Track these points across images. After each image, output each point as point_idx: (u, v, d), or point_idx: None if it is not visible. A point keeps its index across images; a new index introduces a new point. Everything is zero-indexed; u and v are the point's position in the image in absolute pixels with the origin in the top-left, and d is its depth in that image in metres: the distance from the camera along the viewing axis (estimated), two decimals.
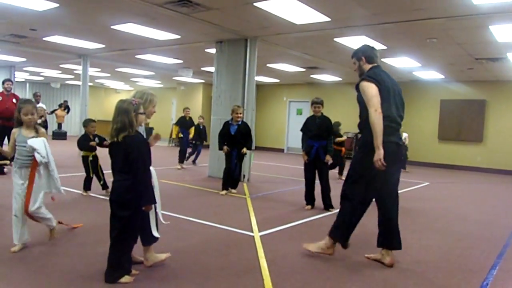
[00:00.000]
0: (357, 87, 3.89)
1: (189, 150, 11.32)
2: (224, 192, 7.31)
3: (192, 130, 11.18)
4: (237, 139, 7.25)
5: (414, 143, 10.18)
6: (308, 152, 6.24)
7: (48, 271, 3.38)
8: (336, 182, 8.52)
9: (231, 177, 7.42)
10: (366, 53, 4.02)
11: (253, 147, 7.50)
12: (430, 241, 4.86)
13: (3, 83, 9.26)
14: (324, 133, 6.21)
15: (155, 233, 3.46)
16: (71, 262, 3.58)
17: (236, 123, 7.26)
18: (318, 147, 6.18)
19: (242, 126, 7.30)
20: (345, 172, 8.54)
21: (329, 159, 6.27)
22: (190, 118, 11.09)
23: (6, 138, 9.01)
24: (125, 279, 3.18)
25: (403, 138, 10.17)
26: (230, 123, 7.30)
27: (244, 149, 7.27)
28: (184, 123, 10.97)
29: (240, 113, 7.28)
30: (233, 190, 7.44)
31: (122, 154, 3.10)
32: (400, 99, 4.02)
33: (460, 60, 10.39)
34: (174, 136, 10.86)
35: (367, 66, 4.00)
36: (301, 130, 6.48)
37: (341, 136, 9.79)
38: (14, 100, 9.11)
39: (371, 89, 3.73)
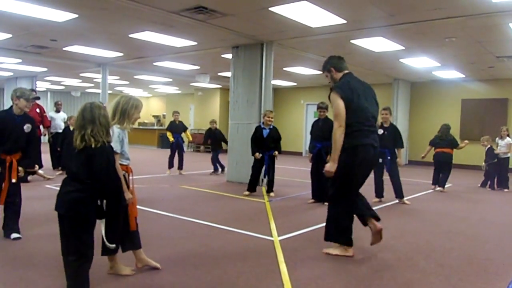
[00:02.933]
0: (329, 98, 4.11)
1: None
2: (247, 193, 7.63)
3: (188, 133, 11.04)
4: (268, 142, 7.49)
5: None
6: (311, 152, 6.94)
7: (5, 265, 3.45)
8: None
9: (256, 180, 7.74)
10: (333, 64, 4.26)
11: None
12: (453, 244, 4.76)
13: None
14: (326, 134, 6.48)
15: (108, 244, 3.16)
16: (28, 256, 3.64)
17: (267, 127, 7.49)
18: (320, 147, 6.77)
19: (274, 130, 7.55)
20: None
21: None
22: (180, 122, 10.85)
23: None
24: None
25: (502, 144, 9.36)
26: (262, 127, 7.52)
27: (276, 152, 7.55)
28: (174, 127, 10.73)
29: (272, 117, 7.49)
30: (271, 194, 7.65)
31: (84, 160, 2.77)
32: (372, 101, 4.23)
33: (480, 58, 10.20)
34: (171, 140, 10.56)
35: (338, 75, 4.23)
36: (310, 133, 7.18)
37: (457, 142, 9.05)
38: (37, 110, 9.34)
39: (338, 103, 3.95)
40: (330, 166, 3.99)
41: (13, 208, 4.54)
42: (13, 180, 4.44)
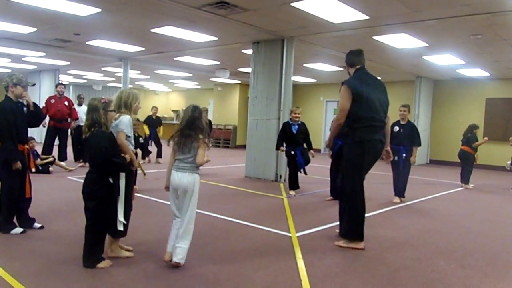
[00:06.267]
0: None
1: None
2: (293, 192, 7.42)
3: (161, 128, 11.92)
4: (298, 138, 7.40)
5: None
6: (332, 149, 6.78)
7: (28, 256, 3.62)
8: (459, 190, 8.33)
9: (296, 177, 7.53)
10: (347, 60, 4.57)
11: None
12: (475, 245, 4.68)
13: (56, 86, 9.81)
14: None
15: (119, 227, 3.55)
16: (52, 247, 3.76)
17: (296, 123, 7.41)
18: (341, 144, 6.59)
19: (302, 126, 7.46)
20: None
21: None
22: (157, 117, 11.92)
23: (57, 139, 9.48)
24: (103, 264, 3.43)
25: None
26: (291, 123, 7.42)
27: (312, 152, 7.41)
28: (151, 121, 11.64)
29: (298, 113, 7.41)
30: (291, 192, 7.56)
31: (88, 148, 3.43)
32: (383, 97, 4.42)
33: (506, 56, 9.94)
34: (143, 134, 11.09)
35: (351, 70, 4.51)
36: (330, 129, 6.88)
37: (476, 140, 9.29)
38: (66, 103, 9.56)
39: (344, 100, 4.22)
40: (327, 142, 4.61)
41: (28, 199, 4.52)
42: (33, 170, 4.47)
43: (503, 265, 4.01)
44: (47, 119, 9.38)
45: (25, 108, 4.52)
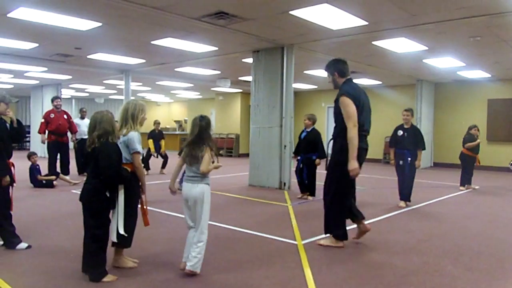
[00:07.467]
0: (336, 101, 4.42)
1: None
2: (302, 195, 7.70)
3: (163, 142, 11.95)
4: (303, 145, 7.55)
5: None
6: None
7: (35, 271, 3.58)
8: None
9: (300, 183, 7.72)
10: (338, 69, 4.52)
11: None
12: (482, 248, 4.64)
13: (52, 101, 9.73)
14: None
15: (113, 238, 3.51)
16: (58, 261, 3.72)
17: (307, 129, 7.57)
18: None
19: (310, 133, 7.54)
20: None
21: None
22: (160, 130, 11.99)
23: (59, 154, 9.45)
24: (109, 278, 3.38)
25: None
26: (304, 129, 7.68)
27: (318, 161, 7.42)
28: (154, 135, 11.74)
29: (304, 119, 7.62)
30: (309, 197, 7.60)
31: (98, 159, 3.35)
32: (368, 108, 4.53)
33: (506, 57, 9.95)
34: (153, 149, 11.55)
35: (341, 80, 4.50)
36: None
37: (473, 141, 9.18)
38: (65, 117, 9.55)
39: (351, 106, 4.22)
40: (352, 165, 4.17)
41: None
42: (15, 184, 4.48)
43: (511, 268, 3.99)
44: (46, 133, 9.41)
45: (7, 124, 4.51)
